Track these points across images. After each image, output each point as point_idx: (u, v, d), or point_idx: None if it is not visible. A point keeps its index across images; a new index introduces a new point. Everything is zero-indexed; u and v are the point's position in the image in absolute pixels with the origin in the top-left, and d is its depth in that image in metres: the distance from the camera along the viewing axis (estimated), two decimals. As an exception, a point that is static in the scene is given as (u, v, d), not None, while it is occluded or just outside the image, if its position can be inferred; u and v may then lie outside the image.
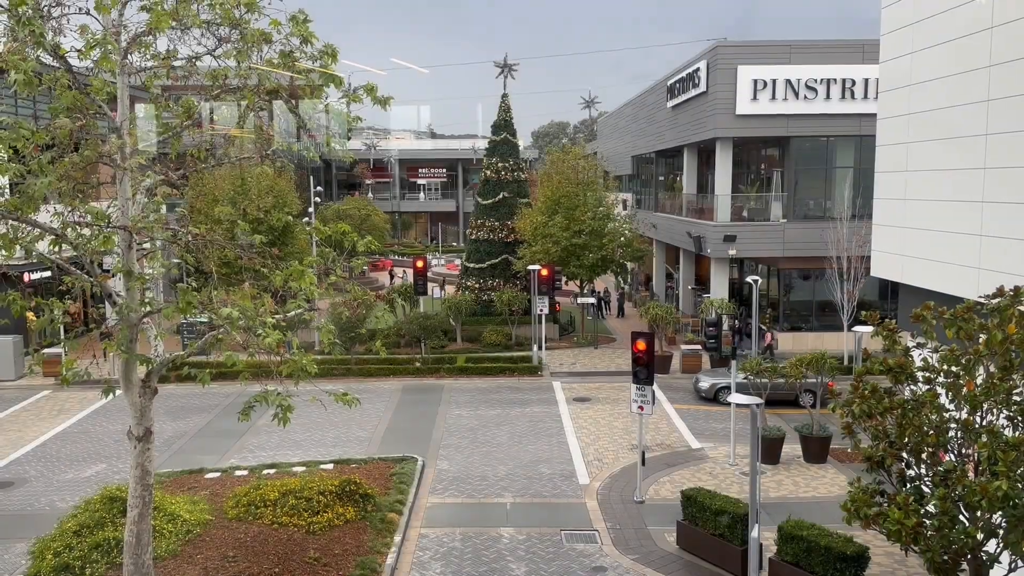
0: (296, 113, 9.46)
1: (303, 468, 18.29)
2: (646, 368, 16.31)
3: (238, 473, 18.09)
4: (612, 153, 51.28)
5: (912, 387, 9.90)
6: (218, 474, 18.09)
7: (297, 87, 9.21)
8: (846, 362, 27.71)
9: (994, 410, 9.25)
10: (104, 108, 9.28)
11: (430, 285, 35.64)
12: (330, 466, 18.44)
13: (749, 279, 26.03)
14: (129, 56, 9.04)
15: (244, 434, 21.73)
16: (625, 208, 43.74)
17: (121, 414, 23.95)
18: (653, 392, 16.40)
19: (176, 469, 18.75)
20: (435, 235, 75.27)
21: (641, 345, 16.28)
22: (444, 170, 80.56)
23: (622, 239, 34.32)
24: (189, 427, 22.75)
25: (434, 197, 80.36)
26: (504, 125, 37.05)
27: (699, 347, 29.20)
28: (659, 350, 29.28)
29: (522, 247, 34.72)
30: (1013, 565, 9.24)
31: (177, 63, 9.17)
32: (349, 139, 9.88)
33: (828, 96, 29.98)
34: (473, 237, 36.72)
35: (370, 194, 74.73)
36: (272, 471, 18.18)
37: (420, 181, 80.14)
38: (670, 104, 36.81)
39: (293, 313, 9.61)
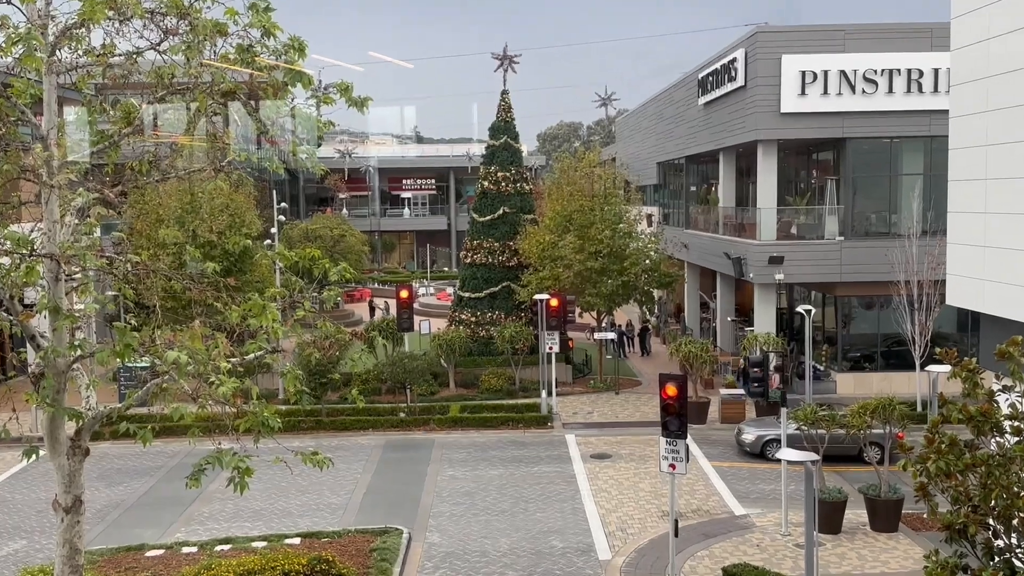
0: (256, 117, 9.55)
1: (264, 543, 18.18)
2: (678, 418, 16.28)
3: (186, 550, 17.99)
4: (634, 159, 51.63)
5: (998, 439, 9.84)
6: (161, 551, 17.99)
7: (258, 87, 9.31)
8: (919, 409, 27.58)
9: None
10: (27, 113, 9.38)
11: (417, 319, 35.71)
12: (297, 540, 18.38)
13: (800, 309, 26.05)
14: (58, 52, 9.13)
15: (193, 502, 21.64)
16: (650, 225, 43.91)
17: (45, 480, 23.84)
18: (687, 447, 16.33)
19: (111, 545, 18.64)
20: (423, 259, 75.57)
21: (672, 390, 16.27)
22: (433, 181, 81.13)
23: (647, 262, 34.36)
24: (127, 494, 22.64)
25: (421, 213, 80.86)
26: (504, 127, 37.39)
27: (741, 392, 29.12)
28: (693, 396, 29.19)
29: (527, 273, 34.84)
30: None
31: (115, 60, 9.27)
32: (319, 146, 9.99)
33: (891, 90, 30.22)
34: (468, 261, 36.90)
35: (345, 210, 75.21)
36: (227, 547, 18.07)
37: (404, 194, 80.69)
38: (702, 101, 37.13)
39: (253, 356, 9.62)
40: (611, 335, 36.45)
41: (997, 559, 9.53)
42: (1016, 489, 9.35)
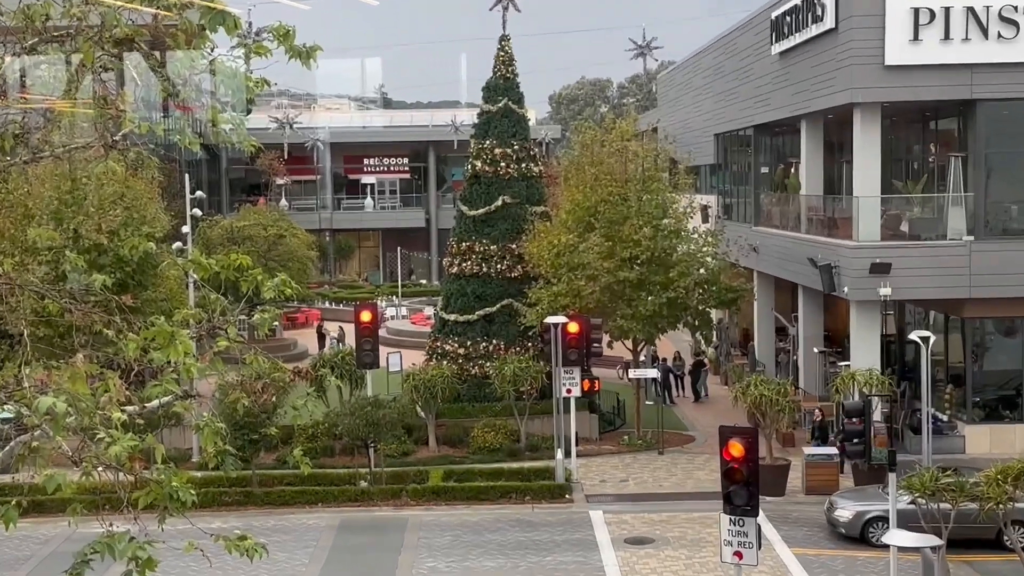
0: (162, 74, 9.57)
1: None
2: (746, 487, 16.22)
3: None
4: (683, 129, 51.81)
5: None
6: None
7: (164, 32, 9.33)
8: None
9: None
10: None
11: (384, 351, 35.71)
12: (218, 659, 18.30)
13: (914, 336, 25.98)
14: None
15: (74, 605, 21.52)
16: (706, 220, 43.99)
17: None
18: (758, 528, 16.29)
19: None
20: (391, 268, 75.66)
21: (737, 449, 16.22)
22: (405, 160, 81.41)
23: (702, 271, 34.35)
24: (-18, 595, 22.59)
25: (390, 205, 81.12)
26: (504, 86, 37.57)
27: (834, 451, 29.07)
28: (767, 457, 29.15)
29: (536, 287, 34.92)
30: None
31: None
32: (249, 113, 10.02)
33: (1036, 33, 30.27)
34: (455, 271, 37.01)
35: (284, 202, 75.44)
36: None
37: (367, 179, 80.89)
38: (777, 49, 37.24)
39: (157, 403, 9.61)
40: (652, 373, 36.41)
41: None
42: None
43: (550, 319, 30.70)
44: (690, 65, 53.79)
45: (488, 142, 37.18)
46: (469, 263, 36.48)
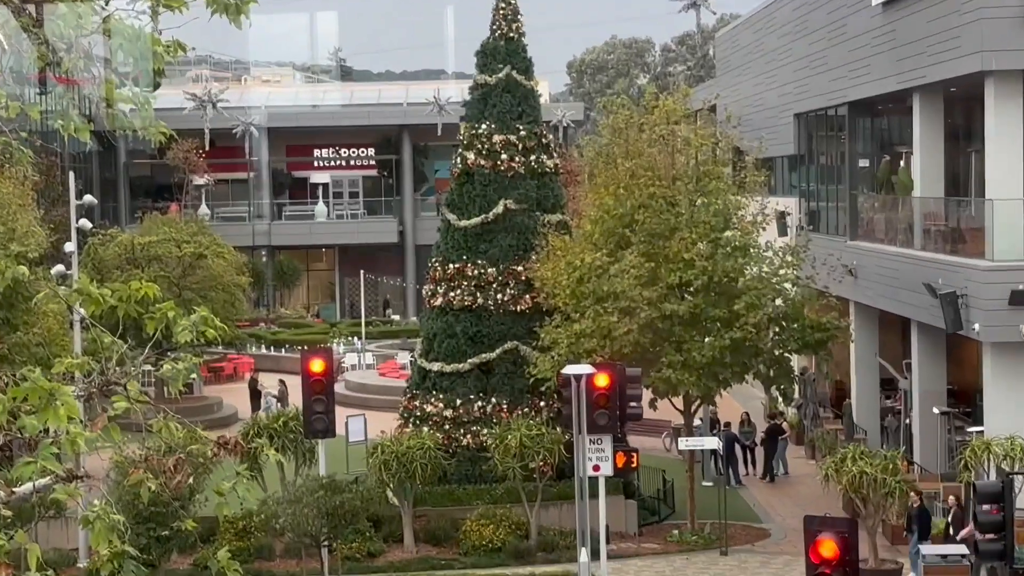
0: (38, 36, 9.63)
1: None
2: (841, 601, 16.15)
3: None
4: (751, 108, 51.88)
5: None
6: None
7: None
8: None
9: None
10: None
11: (342, 413, 35.58)
12: None
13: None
14: None
15: None
16: (784, 232, 43.88)
17: None
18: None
19: None
20: (352, 298, 75.46)
21: (829, 548, 16.16)
22: (371, 151, 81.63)
23: (778, 302, 34.25)
24: None
25: (350, 211, 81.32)
26: (505, 50, 37.68)
27: (961, 550, 28.90)
28: (870, 559, 29.01)
29: (550, 324, 34.92)
30: None
31: None
32: (157, 88, 10.15)
33: None
34: (439, 303, 37.07)
35: (205, 208, 75.52)
36: None
37: (318, 177, 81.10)
38: (877, 0, 37.36)
39: (30, 488, 9.64)
40: (712, 442, 36.26)
41: None
42: None
43: (570, 369, 30.59)
44: (761, 20, 53.90)
45: (484, 126, 37.22)
46: (459, 292, 36.45)
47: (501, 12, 37.74)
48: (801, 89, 46.66)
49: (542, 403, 35.38)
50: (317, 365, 32.37)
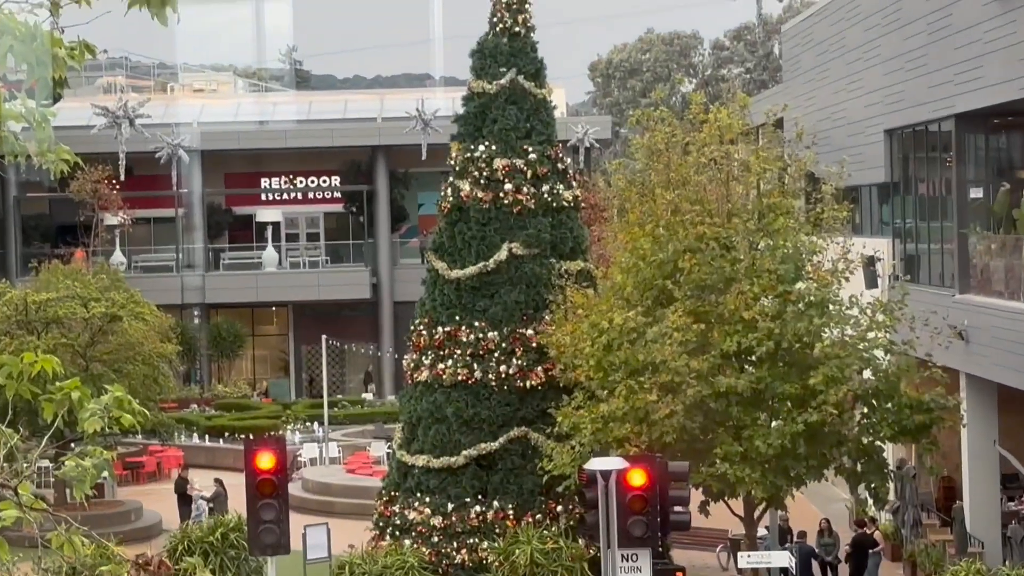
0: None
1: None
2: None
3: None
4: (829, 122, 52.01)
5: None
6: None
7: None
8: None
9: None
10: None
11: (298, 522, 35.55)
12: None
13: None
14: None
15: None
16: (874, 283, 43.85)
17: None
18: None
19: None
20: (311, 371, 75.40)
21: None
22: (335, 180, 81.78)
23: (866, 374, 34.20)
24: None
25: (309, 259, 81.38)
26: (509, 49, 37.99)
27: None
28: None
29: (567, 403, 35.01)
30: None
31: None
32: (58, 100, 10.25)
33: None
34: (424, 377, 37.28)
35: (120, 255, 75.60)
36: None
37: (267, 214, 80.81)
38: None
39: None
40: (782, 558, 36.22)
41: None
42: None
43: (596, 463, 30.64)
44: (841, 9, 54.05)
45: (482, 148, 37.40)
46: (450, 363, 36.53)
47: (504, 1, 37.85)
48: (894, 98, 46.74)
49: (559, 508, 35.42)
50: (265, 460, 32.30)
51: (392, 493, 37.18)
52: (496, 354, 36.18)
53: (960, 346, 39.47)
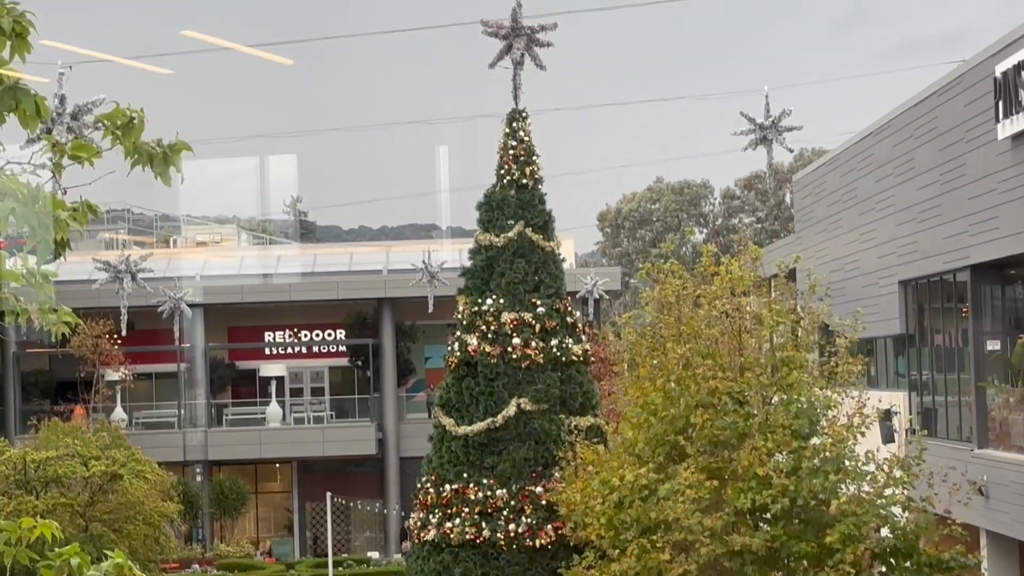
0: None
1: None
2: None
3: None
4: (841, 273, 52.10)
5: None
6: None
7: None
8: None
9: None
10: None
11: None
12: None
13: None
14: None
15: None
16: (891, 438, 43.63)
17: None
18: None
19: None
20: (315, 529, 74.96)
21: None
22: (341, 333, 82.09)
23: (884, 532, 34.01)
24: None
25: (313, 414, 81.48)
26: (517, 201, 38.13)
27: None
28: None
29: (579, 563, 34.71)
30: None
31: None
32: (57, 258, 10.26)
33: None
34: (430, 536, 37.06)
35: (121, 412, 75.38)
36: None
37: (271, 369, 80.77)
38: (1007, 131, 37.59)
39: None
40: None
41: None
42: None
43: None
44: (852, 158, 54.28)
45: (490, 301, 37.44)
46: (458, 522, 36.37)
47: (511, 152, 38.05)
48: (908, 249, 46.84)
49: None
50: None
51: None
52: (505, 512, 36.01)
53: (980, 502, 39.33)
